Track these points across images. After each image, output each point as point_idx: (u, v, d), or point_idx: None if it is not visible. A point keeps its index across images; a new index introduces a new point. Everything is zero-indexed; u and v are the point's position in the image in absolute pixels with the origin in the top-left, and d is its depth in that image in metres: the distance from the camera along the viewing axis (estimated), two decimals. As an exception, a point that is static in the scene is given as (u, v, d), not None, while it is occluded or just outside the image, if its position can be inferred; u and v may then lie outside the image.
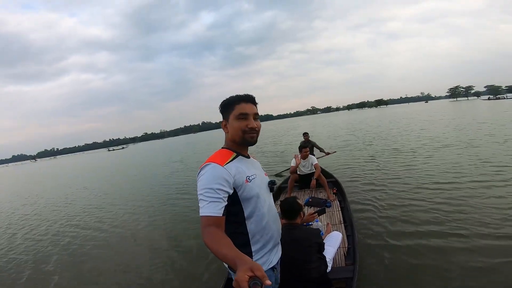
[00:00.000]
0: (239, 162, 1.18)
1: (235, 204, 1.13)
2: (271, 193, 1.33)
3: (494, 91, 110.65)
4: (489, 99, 75.87)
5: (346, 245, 2.78)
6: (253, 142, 1.22)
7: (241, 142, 1.21)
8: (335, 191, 4.43)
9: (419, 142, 10.46)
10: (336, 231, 2.72)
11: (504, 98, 68.20)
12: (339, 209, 3.74)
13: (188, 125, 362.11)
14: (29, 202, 9.81)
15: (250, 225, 1.18)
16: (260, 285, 0.71)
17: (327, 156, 6.96)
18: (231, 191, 1.09)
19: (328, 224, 3.12)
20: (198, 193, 1.08)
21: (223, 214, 1.04)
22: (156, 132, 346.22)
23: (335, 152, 7.89)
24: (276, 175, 7.35)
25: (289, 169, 4.42)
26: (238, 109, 1.19)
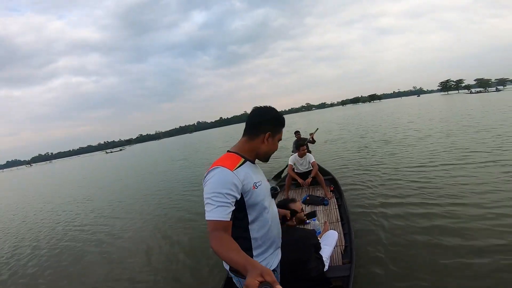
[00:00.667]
0: (247, 168, 1.18)
1: (240, 210, 1.14)
2: (273, 199, 1.36)
3: (483, 84, 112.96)
4: (471, 92, 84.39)
5: (343, 243, 2.78)
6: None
7: (265, 159, 1.30)
8: (332, 188, 4.45)
9: (405, 133, 11.48)
10: (332, 230, 2.73)
11: (486, 92, 74.85)
12: (336, 206, 3.76)
13: (184, 125, 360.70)
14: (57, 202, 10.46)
15: (253, 230, 1.20)
16: None
17: (312, 138, 6.94)
18: (239, 196, 1.10)
19: (325, 222, 3.17)
20: (205, 196, 1.07)
21: (230, 219, 1.04)
22: (151, 133, 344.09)
23: (317, 129, 7.97)
24: (275, 177, 6.74)
25: (286, 167, 4.51)
26: (281, 134, 1.32)
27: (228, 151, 1.26)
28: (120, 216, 6.19)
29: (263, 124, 1.23)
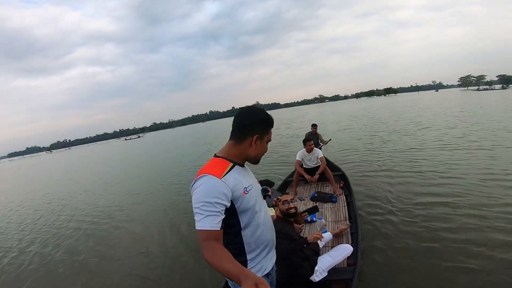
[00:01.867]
0: (236, 173, 1.14)
1: (231, 216, 1.12)
2: (264, 200, 1.33)
3: (506, 81, 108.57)
4: (478, 89, 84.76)
5: (350, 243, 2.68)
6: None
7: (255, 161, 1.24)
8: (341, 185, 4.28)
9: (405, 126, 12.46)
10: (346, 244, 2.52)
11: (493, 89, 75.72)
12: (345, 204, 3.63)
13: (196, 114, 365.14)
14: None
15: (246, 235, 1.18)
16: None
17: (324, 145, 6.64)
18: (228, 204, 1.07)
19: (340, 229, 2.94)
20: (193, 206, 1.05)
21: (221, 228, 1.02)
22: (165, 122, 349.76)
23: (330, 140, 7.40)
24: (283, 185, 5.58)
25: (293, 172, 4.57)
26: (270, 134, 1.25)
27: (215, 155, 1.21)
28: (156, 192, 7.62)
29: (250, 126, 1.18)
